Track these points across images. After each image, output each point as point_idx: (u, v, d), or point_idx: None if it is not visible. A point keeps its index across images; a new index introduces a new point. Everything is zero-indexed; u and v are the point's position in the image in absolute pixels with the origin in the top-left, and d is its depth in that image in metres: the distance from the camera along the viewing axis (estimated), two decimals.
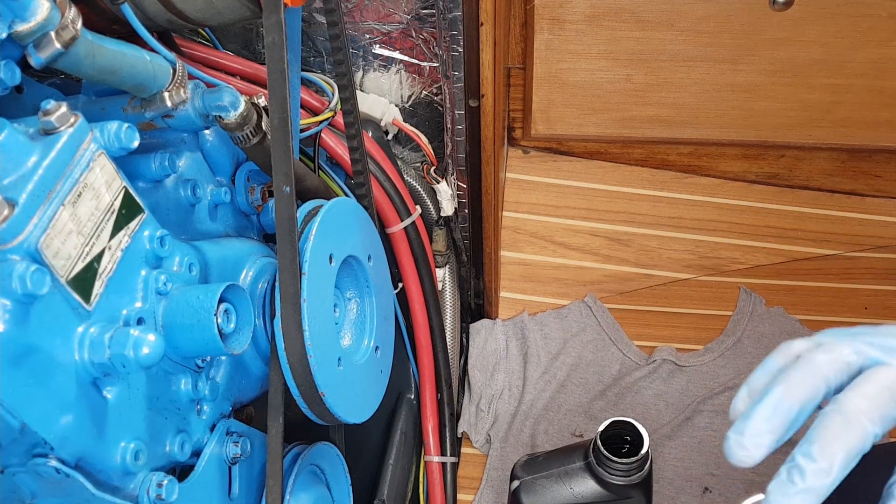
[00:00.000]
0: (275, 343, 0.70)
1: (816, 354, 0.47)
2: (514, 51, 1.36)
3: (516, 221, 1.42)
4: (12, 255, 0.50)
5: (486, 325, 1.34)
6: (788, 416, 0.46)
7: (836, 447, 0.44)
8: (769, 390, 0.47)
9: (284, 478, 0.75)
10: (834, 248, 1.43)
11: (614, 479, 0.88)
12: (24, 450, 0.54)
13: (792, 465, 0.45)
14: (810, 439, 0.45)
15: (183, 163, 0.76)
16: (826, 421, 0.45)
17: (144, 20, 0.73)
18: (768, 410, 0.46)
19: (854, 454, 0.44)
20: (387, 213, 1.09)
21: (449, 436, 1.22)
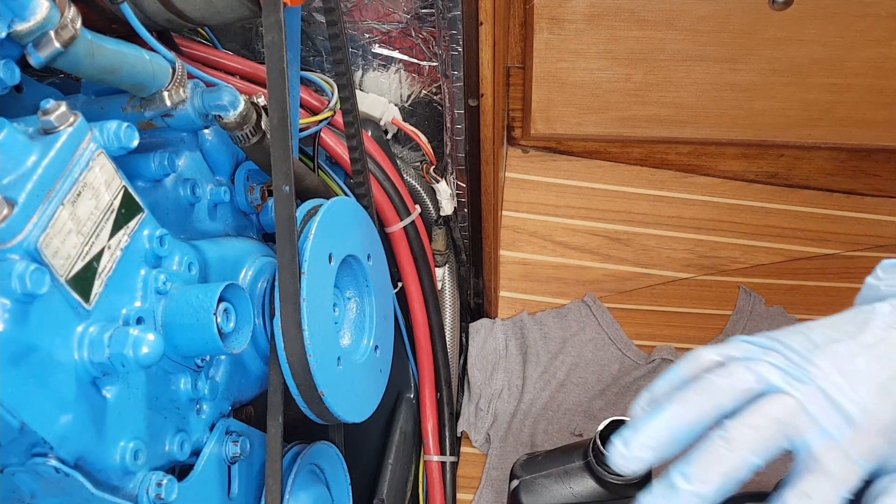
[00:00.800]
0: (274, 342, 0.70)
1: (718, 378, 0.47)
2: (514, 50, 1.36)
3: (516, 221, 1.42)
4: (12, 255, 0.50)
5: (485, 325, 1.34)
6: (675, 437, 0.47)
7: (714, 473, 0.45)
8: (663, 407, 0.47)
9: (284, 477, 0.75)
10: (833, 248, 1.43)
11: (614, 478, 0.88)
12: (23, 449, 0.54)
13: (668, 483, 0.45)
14: (690, 460, 0.45)
15: (182, 162, 0.76)
16: (709, 445, 0.45)
17: (144, 19, 0.73)
18: (656, 429, 0.47)
19: (731, 482, 0.45)
20: (386, 212, 1.09)
21: (448, 435, 1.22)
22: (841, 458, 0.45)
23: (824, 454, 0.45)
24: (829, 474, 0.45)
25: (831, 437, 0.46)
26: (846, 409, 0.46)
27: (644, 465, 0.46)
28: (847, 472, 0.45)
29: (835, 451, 0.45)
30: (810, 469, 0.46)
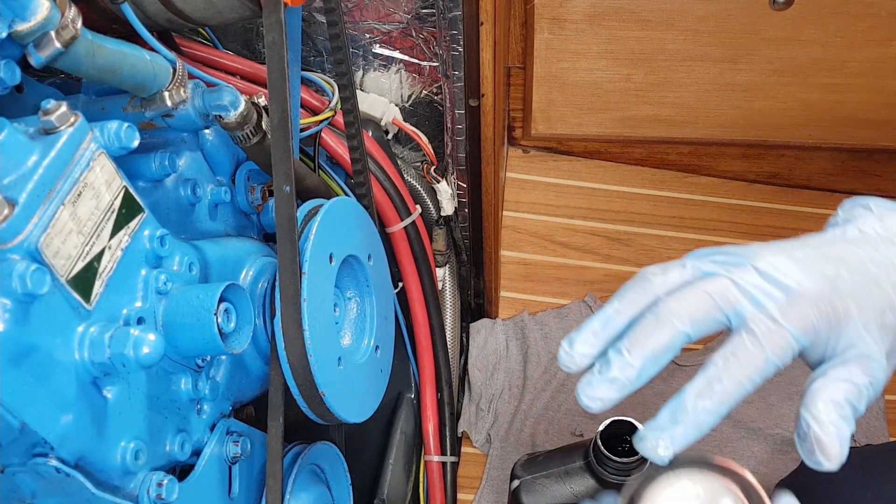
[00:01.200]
0: (275, 342, 0.70)
1: (655, 277, 0.49)
2: (514, 50, 1.36)
3: (516, 221, 1.42)
4: (12, 255, 0.50)
5: (486, 325, 1.34)
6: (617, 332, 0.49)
7: (644, 345, 0.47)
8: (603, 308, 0.50)
9: (284, 477, 0.75)
10: None
11: (614, 478, 0.88)
12: (24, 449, 0.54)
13: (602, 360, 0.48)
14: (624, 335, 0.48)
15: (183, 162, 0.76)
16: (640, 322, 0.48)
17: (144, 19, 0.73)
18: (597, 326, 0.49)
19: (660, 351, 0.47)
20: (387, 212, 1.09)
21: (449, 435, 1.22)
22: (771, 324, 0.46)
23: (755, 321, 0.46)
24: (759, 337, 0.46)
25: (763, 306, 0.46)
26: (778, 279, 0.47)
27: (587, 359, 0.49)
28: (777, 338, 0.46)
29: (766, 319, 0.46)
30: (740, 333, 0.47)
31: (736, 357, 0.46)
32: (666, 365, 0.48)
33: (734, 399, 0.46)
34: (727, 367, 0.46)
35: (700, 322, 0.47)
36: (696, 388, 0.46)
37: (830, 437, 0.45)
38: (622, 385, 0.47)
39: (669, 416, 0.46)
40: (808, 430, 0.45)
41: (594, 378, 0.48)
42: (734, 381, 0.46)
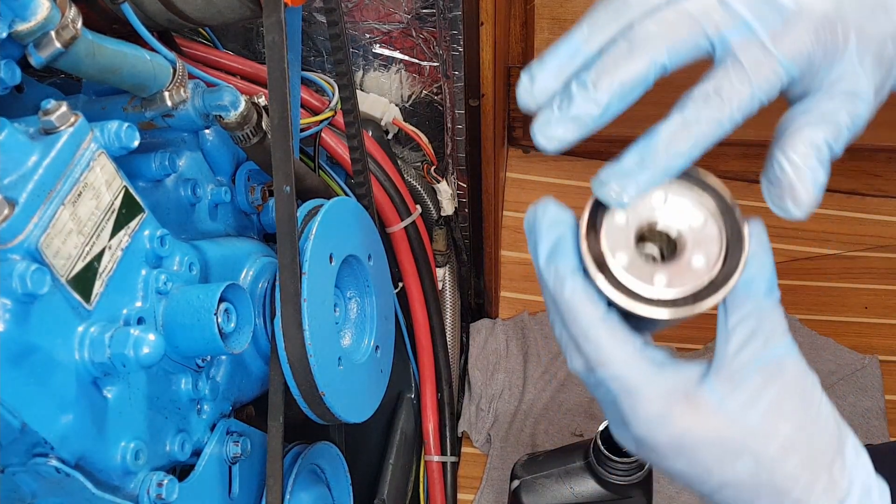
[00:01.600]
0: (275, 342, 0.70)
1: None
2: (515, 50, 1.36)
3: (516, 221, 1.42)
4: (12, 255, 0.50)
5: (486, 325, 1.34)
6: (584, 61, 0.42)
7: (613, 76, 0.41)
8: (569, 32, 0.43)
9: (284, 477, 0.75)
10: (834, 248, 1.43)
11: (615, 478, 0.88)
12: (24, 449, 0.54)
13: (563, 94, 0.42)
14: (590, 65, 0.41)
15: (183, 162, 0.76)
16: (611, 49, 0.41)
17: (144, 19, 0.73)
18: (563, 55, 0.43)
19: (630, 84, 0.41)
20: (387, 212, 1.09)
21: (449, 435, 1.22)
22: (761, 53, 0.40)
23: (742, 48, 0.40)
24: (745, 69, 0.40)
25: (752, 31, 0.40)
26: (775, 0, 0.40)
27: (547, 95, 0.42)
28: (765, 70, 0.40)
29: (754, 46, 0.40)
30: (724, 63, 0.41)
31: (719, 94, 0.40)
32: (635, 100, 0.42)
33: (710, 141, 0.41)
34: (707, 104, 0.40)
35: (679, 49, 0.41)
36: (670, 129, 0.41)
37: (805, 182, 0.41)
38: (583, 124, 0.42)
39: (637, 160, 0.42)
40: (782, 174, 0.41)
41: (552, 115, 0.42)
42: (713, 122, 0.40)
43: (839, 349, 1.32)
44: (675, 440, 0.42)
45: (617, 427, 0.45)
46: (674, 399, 0.42)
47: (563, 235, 0.44)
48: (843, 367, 1.30)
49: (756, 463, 0.42)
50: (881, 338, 1.35)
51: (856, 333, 1.35)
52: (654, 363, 0.43)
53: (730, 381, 0.42)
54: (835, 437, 0.43)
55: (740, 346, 0.42)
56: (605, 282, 0.41)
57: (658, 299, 0.41)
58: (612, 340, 0.42)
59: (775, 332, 0.42)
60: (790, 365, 0.42)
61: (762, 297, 0.42)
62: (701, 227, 0.42)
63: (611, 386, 0.43)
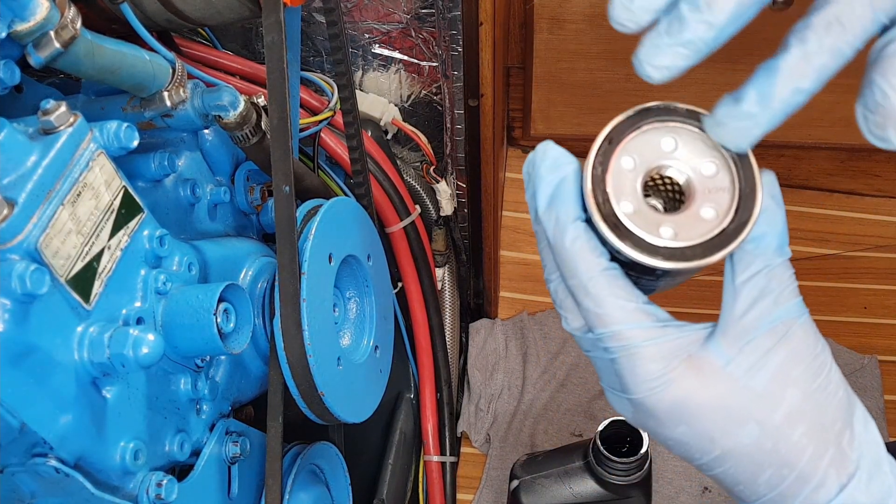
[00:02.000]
0: (274, 343, 0.70)
1: None
2: (514, 50, 1.36)
3: (516, 221, 1.42)
4: (12, 255, 0.50)
5: (485, 325, 1.34)
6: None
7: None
8: None
9: (284, 477, 0.75)
10: (833, 248, 1.43)
11: (614, 478, 0.88)
12: (23, 449, 0.54)
13: (673, 16, 0.38)
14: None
15: (182, 162, 0.76)
16: None
17: (144, 19, 0.73)
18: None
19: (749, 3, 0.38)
20: (386, 212, 1.09)
21: (448, 435, 1.22)
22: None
23: None
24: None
25: None
26: None
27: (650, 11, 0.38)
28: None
29: None
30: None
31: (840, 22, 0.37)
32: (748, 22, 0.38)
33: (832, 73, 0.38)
34: (829, 32, 0.37)
35: None
36: (791, 63, 0.38)
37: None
38: (697, 49, 0.38)
39: (757, 99, 0.38)
40: (884, 100, 0.38)
41: (661, 41, 0.38)
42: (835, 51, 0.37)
43: (838, 349, 1.32)
44: (676, 404, 0.40)
45: (613, 392, 0.43)
46: (676, 360, 0.40)
47: (566, 179, 0.41)
48: (842, 368, 1.29)
49: (761, 431, 0.40)
50: (880, 338, 1.35)
51: (855, 333, 1.35)
52: (657, 320, 0.41)
53: (736, 343, 0.40)
54: (844, 407, 0.41)
55: (748, 306, 0.40)
56: (610, 230, 0.39)
57: (667, 248, 0.39)
58: (614, 295, 0.40)
59: (785, 291, 0.40)
60: (800, 328, 0.40)
61: (773, 255, 0.40)
62: (712, 176, 0.40)
63: (609, 343, 0.40)
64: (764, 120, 0.38)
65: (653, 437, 0.43)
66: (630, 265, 0.40)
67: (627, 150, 0.41)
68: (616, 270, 0.40)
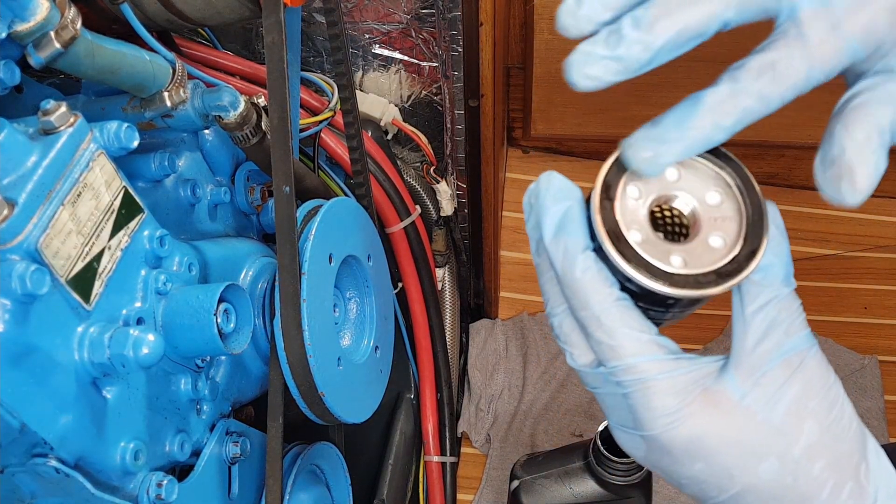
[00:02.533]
0: (274, 343, 0.70)
1: None
2: (514, 51, 1.36)
3: (516, 221, 1.42)
4: (12, 255, 0.50)
5: (485, 325, 1.34)
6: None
7: (674, 18, 0.36)
8: None
9: (284, 477, 0.75)
10: (833, 248, 1.43)
11: (614, 478, 0.88)
12: (23, 450, 0.54)
13: (613, 29, 0.37)
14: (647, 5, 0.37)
15: (182, 162, 0.76)
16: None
17: (144, 20, 0.73)
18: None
19: (690, 34, 0.37)
20: (386, 212, 1.09)
21: (448, 436, 1.22)
22: (827, 29, 0.37)
23: (811, 20, 0.37)
24: (807, 44, 0.37)
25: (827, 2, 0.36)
26: None
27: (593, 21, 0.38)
28: (829, 48, 0.37)
29: (824, 19, 0.37)
30: (786, 35, 0.37)
31: (774, 69, 0.37)
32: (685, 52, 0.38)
33: (755, 118, 0.38)
34: (760, 77, 0.37)
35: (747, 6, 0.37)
36: (716, 97, 0.37)
37: (866, 165, 0.37)
38: (627, 67, 0.37)
39: (676, 126, 0.38)
40: (842, 153, 0.37)
41: (595, 50, 0.37)
42: (763, 97, 0.37)
43: (839, 349, 1.32)
44: (694, 440, 0.39)
45: (624, 430, 0.42)
46: (691, 394, 0.39)
47: (571, 209, 0.40)
48: (842, 368, 1.30)
49: (781, 465, 0.39)
50: (881, 338, 1.35)
51: (855, 334, 1.35)
52: (670, 353, 0.39)
53: (751, 375, 0.39)
54: (859, 438, 0.41)
55: (760, 337, 0.39)
56: (622, 258, 0.38)
57: (681, 275, 0.38)
58: (627, 326, 0.39)
59: (795, 322, 0.40)
60: (812, 359, 0.40)
61: (780, 285, 0.40)
62: (718, 205, 0.40)
63: (623, 377, 0.39)
64: (678, 148, 0.38)
65: (666, 477, 0.42)
66: (641, 296, 0.39)
67: (633, 180, 0.40)
68: (628, 301, 0.39)
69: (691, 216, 0.40)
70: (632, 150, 0.38)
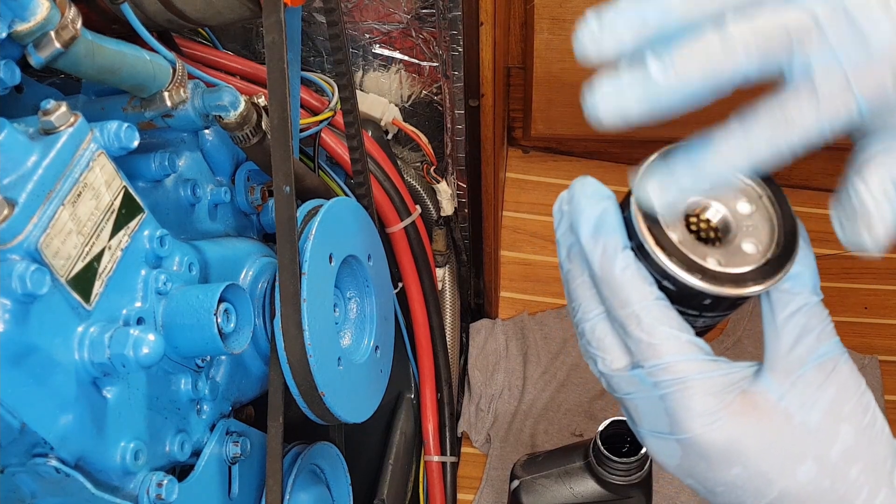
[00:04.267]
0: (275, 343, 0.70)
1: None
2: (514, 50, 1.36)
3: (516, 221, 1.42)
4: (12, 255, 0.50)
5: (486, 325, 1.34)
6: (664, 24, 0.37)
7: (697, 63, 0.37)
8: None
9: (284, 477, 0.75)
10: (834, 248, 1.42)
11: (614, 478, 0.88)
12: (23, 449, 0.54)
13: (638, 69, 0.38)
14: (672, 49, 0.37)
15: (183, 162, 0.76)
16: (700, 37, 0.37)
17: (144, 20, 0.73)
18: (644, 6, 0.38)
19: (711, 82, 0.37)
20: (387, 212, 1.09)
21: (449, 435, 1.22)
22: (839, 84, 0.37)
23: (823, 78, 0.37)
24: (819, 97, 0.37)
25: (838, 62, 0.37)
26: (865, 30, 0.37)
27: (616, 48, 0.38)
28: (839, 103, 0.38)
29: (835, 75, 0.37)
30: (798, 88, 0.38)
31: (784, 114, 0.38)
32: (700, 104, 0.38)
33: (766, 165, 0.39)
34: (771, 123, 0.38)
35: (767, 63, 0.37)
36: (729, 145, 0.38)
37: (883, 212, 0.39)
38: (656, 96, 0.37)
39: (686, 164, 0.38)
40: (858, 200, 0.39)
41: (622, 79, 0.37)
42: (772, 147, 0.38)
43: None
44: (732, 442, 0.39)
45: (657, 436, 0.41)
46: (730, 395, 0.39)
47: (608, 210, 0.41)
48: None
49: (819, 469, 0.39)
50: (881, 338, 1.35)
51: (855, 333, 1.35)
52: (709, 354, 0.40)
53: (787, 377, 0.39)
54: (892, 444, 0.41)
55: (794, 342, 0.40)
56: (665, 253, 0.38)
57: (726, 273, 0.38)
58: (667, 325, 0.39)
59: (826, 329, 0.40)
60: (844, 365, 0.40)
61: (810, 293, 0.40)
62: (750, 214, 0.41)
63: (662, 377, 0.39)
64: (687, 185, 0.38)
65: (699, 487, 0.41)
66: (677, 296, 0.40)
67: None
68: (666, 301, 0.40)
69: (723, 223, 0.41)
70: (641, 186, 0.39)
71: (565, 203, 0.42)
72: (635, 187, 0.40)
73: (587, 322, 0.42)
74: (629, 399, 0.42)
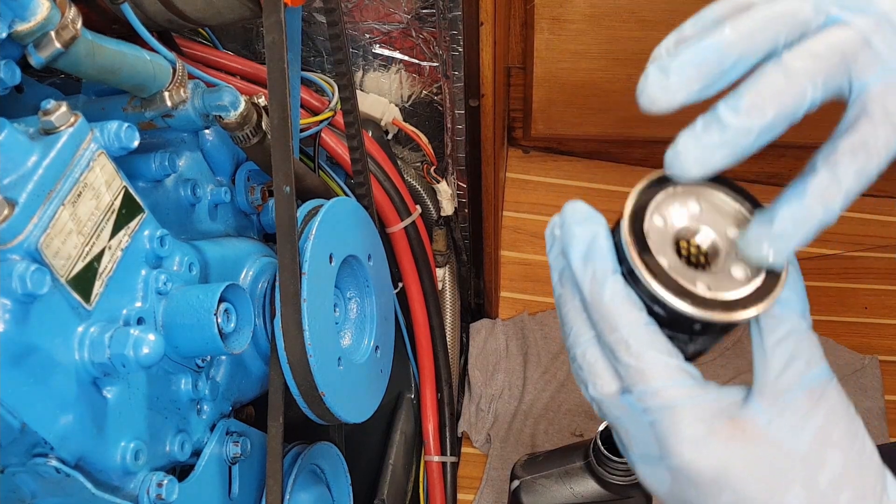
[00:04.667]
0: (275, 343, 0.70)
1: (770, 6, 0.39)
2: (515, 51, 1.36)
3: (516, 221, 1.42)
4: (12, 255, 0.50)
5: (486, 325, 1.34)
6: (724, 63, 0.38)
7: (769, 105, 0.38)
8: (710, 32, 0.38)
9: (284, 477, 0.75)
10: (834, 248, 1.43)
11: (614, 478, 0.88)
12: (24, 449, 0.54)
13: (711, 118, 0.38)
14: (740, 92, 0.38)
15: (183, 162, 0.76)
16: (763, 76, 0.38)
17: (144, 20, 0.73)
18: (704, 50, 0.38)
19: (785, 116, 0.38)
20: (387, 212, 1.09)
21: (449, 435, 1.22)
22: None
23: (884, 96, 0.38)
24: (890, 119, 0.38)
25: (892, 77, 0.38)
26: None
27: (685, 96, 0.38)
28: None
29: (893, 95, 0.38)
30: (868, 113, 0.38)
31: (866, 148, 0.39)
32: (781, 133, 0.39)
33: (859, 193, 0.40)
34: (855, 159, 0.39)
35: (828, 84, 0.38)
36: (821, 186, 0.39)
37: None
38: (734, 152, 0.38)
39: (792, 222, 0.39)
40: None
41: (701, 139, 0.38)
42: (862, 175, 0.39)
43: (839, 349, 1.32)
44: (722, 468, 0.38)
45: (647, 463, 0.41)
46: (719, 421, 0.39)
47: (598, 235, 0.40)
48: (842, 368, 1.30)
49: (808, 495, 0.39)
50: (881, 338, 1.35)
51: (855, 334, 1.35)
52: (698, 380, 0.39)
53: (775, 403, 0.39)
54: (881, 472, 0.41)
55: (783, 367, 0.39)
56: (654, 279, 0.38)
57: (716, 300, 0.38)
58: (656, 350, 0.39)
59: (815, 355, 0.40)
60: (833, 391, 0.40)
61: (798, 319, 0.40)
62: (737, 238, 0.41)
63: (651, 402, 0.39)
64: (798, 240, 0.39)
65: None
66: (667, 321, 0.40)
67: (658, 210, 0.41)
68: (655, 326, 0.40)
69: (712, 248, 0.41)
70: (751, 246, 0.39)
71: (556, 227, 0.42)
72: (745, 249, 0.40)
73: (578, 347, 0.42)
74: (618, 424, 0.42)
